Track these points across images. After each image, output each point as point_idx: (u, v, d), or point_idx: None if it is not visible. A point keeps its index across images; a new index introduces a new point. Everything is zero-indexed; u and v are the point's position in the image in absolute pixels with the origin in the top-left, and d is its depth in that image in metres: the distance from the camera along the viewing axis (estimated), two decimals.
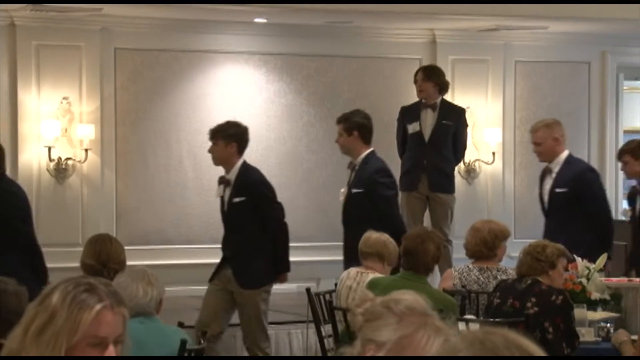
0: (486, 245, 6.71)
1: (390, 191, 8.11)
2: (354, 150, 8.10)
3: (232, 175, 7.73)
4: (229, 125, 7.86)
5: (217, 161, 7.84)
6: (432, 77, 9.38)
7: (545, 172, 8.30)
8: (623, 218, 10.36)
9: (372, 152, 8.11)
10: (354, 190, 8.01)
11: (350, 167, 8.15)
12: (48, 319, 2.81)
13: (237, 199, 7.71)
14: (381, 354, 2.93)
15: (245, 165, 7.79)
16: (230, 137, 7.70)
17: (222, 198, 7.89)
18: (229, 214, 7.81)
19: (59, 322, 2.80)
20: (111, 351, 2.83)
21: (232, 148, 7.70)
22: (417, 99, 9.47)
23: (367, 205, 7.95)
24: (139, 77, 9.88)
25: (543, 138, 8.11)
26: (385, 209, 7.96)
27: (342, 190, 8.16)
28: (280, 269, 7.74)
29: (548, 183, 8.27)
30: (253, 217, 7.68)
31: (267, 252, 7.64)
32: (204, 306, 7.79)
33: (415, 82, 9.42)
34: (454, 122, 9.46)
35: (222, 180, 7.81)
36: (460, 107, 9.79)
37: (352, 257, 7.40)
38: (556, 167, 8.16)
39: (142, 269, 5.32)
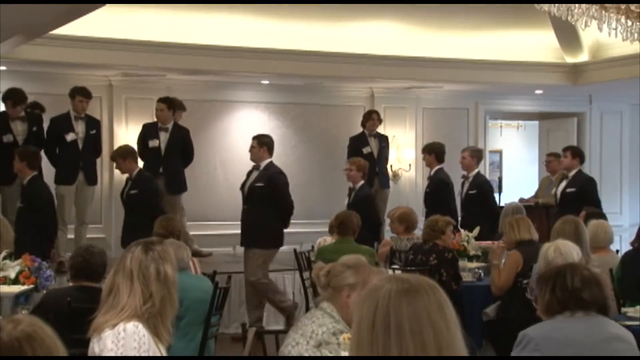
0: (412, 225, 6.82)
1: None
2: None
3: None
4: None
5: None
6: (380, 119, 9.57)
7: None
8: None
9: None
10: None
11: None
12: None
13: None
14: (356, 292, 2.91)
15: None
16: None
17: None
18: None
19: None
20: None
21: None
22: (358, 132, 9.54)
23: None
24: (189, 117, 9.84)
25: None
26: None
27: None
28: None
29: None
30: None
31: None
32: None
33: (372, 119, 9.47)
34: (386, 144, 9.66)
35: None
36: (386, 135, 9.91)
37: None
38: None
39: (175, 241, 5.20)
